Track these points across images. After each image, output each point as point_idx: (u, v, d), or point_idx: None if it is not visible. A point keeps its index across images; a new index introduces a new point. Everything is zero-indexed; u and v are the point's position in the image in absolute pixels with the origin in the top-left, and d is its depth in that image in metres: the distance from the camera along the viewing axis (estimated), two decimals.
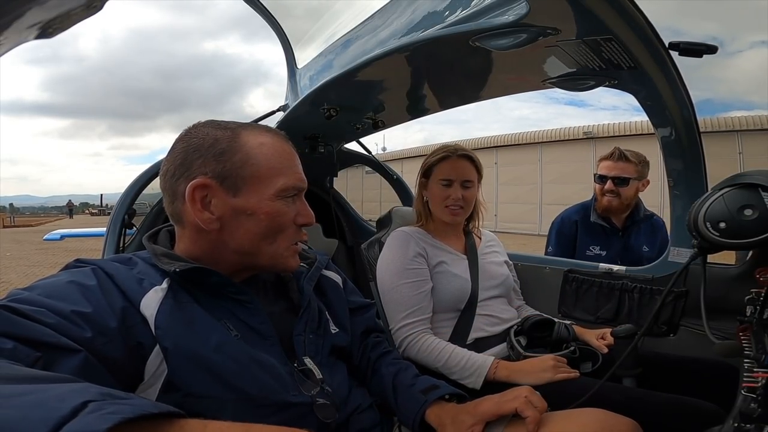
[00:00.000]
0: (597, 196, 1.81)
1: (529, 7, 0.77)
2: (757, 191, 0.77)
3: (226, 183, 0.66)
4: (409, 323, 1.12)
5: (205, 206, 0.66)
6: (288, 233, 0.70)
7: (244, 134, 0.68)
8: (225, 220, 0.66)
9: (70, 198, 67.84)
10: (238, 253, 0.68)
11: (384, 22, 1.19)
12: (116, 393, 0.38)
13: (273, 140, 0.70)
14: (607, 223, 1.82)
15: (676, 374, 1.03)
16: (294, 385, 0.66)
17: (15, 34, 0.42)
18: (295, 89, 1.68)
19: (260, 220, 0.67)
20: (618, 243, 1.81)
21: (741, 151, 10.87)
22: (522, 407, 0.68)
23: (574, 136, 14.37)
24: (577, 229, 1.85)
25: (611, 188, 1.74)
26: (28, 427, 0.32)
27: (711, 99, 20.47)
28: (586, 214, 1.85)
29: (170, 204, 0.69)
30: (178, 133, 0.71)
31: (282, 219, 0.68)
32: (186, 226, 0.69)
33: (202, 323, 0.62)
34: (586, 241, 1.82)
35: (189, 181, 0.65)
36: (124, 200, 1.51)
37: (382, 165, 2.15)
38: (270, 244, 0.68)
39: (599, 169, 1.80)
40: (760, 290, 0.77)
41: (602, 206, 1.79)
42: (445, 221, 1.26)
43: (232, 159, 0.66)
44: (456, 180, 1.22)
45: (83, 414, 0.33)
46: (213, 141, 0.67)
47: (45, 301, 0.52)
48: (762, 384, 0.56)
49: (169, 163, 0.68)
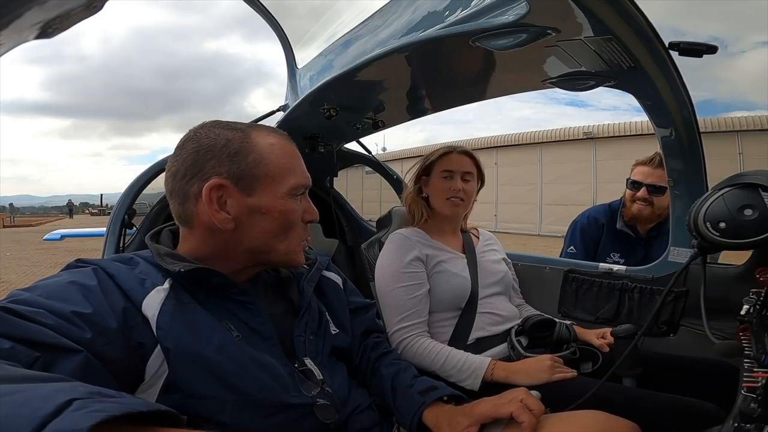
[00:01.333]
0: (626, 202, 1.69)
1: (529, 7, 0.78)
2: (757, 191, 0.77)
3: (240, 183, 0.66)
4: (404, 326, 1.12)
5: (221, 206, 0.66)
6: (297, 230, 0.72)
7: (254, 135, 0.69)
8: (240, 220, 0.67)
9: (70, 198, 67.85)
10: (250, 251, 0.70)
11: (384, 22, 1.19)
12: (106, 391, 0.37)
13: (280, 141, 0.72)
14: (632, 232, 1.71)
15: (676, 374, 1.03)
16: (294, 386, 0.66)
17: (15, 34, 0.42)
18: (295, 89, 1.68)
19: (274, 218, 0.68)
20: (640, 252, 1.70)
21: (741, 151, 10.88)
22: (518, 412, 0.67)
23: (574, 137, 14.39)
24: (602, 232, 1.75)
25: (645, 196, 1.62)
26: (14, 425, 0.31)
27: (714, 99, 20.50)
28: (612, 219, 1.74)
29: (180, 205, 0.69)
30: (179, 133, 0.71)
31: (293, 216, 0.70)
32: (195, 227, 0.69)
33: (203, 324, 0.62)
34: (609, 247, 1.73)
35: (204, 182, 0.65)
36: (124, 200, 1.51)
37: (382, 165, 2.15)
38: (282, 240, 0.70)
39: (634, 174, 1.66)
40: (760, 290, 0.77)
41: (630, 213, 1.67)
42: (445, 215, 1.27)
43: (246, 159, 0.67)
44: (457, 171, 1.25)
45: (67, 412, 0.32)
46: (225, 142, 0.67)
47: (45, 302, 0.51)
48: (762, 384, 0.56)
49: (178, 164, 0.68)
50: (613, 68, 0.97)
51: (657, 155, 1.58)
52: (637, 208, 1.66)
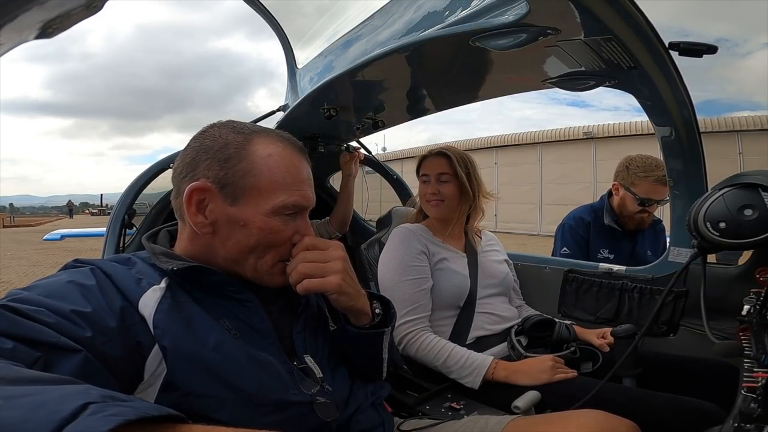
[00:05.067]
0: (630, 212, 1.72)
1: (529, 7, 0.78)
2: (757, 191, 0.77)
3: (225, 190, 0.65)
4: (409, 320, 1.13)
5: (201, 210, 0.65)
6: (279, 250, 0.68)
7: (256, 141, 0.67)
8: (218, 227, 0.66)
9: (70, 198, 67.87)
10: (226, 261, 0.68)
11: (384, 22, 1.19)
12: (117, 395, 0.38)
13: (284, 152, 0.68)
14: (619, 227, 1.78)
15: (676, 374, 1.03)
16: (293, 384, 0.66)
17: (15, 34, 0.42)
18: (295, 89, 1.68)
19: (251, 233, 0.65)
20: (627, 247, 1.78)
21: (741, 151, 10.87)
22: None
23: (574, 137, 14.38)
24: (590, 230, 1.81)
25: (654, 209, 1.70)
26: (30, 428, 0.32)
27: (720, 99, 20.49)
28: (597, 216, 1.81)
29: (174, 199, 0.70)
30: (181, 133, 0.73)
31: (275, 236, 0.67)
32: (186, 225, 0.69)
33: (200, 322, 0.61)
34: (598, 243, 1.79)
35: (191, 182, 0.65)
36: (124, 200, 1.51)
37: (382, 165, 2.15)
38: (257, 258, 0.67)
39: (644, 191, 1.64)
40: (760, 290, 0.77)
41: (635, 222, 1.73)
42: (433, 216, 1.30)
43: (236, 167, 0.65)
44: (431, 174, 1.28)
45: (84, 416, 0.33)
46: (223, 145, 0.66)
47: (45, 301, 0.52)
48: (762, 384, 0.56)
49: (180, 160, 0.69)
50: (613, 68, 0.97)
51: (662, 174, 1.55)
52: (640, 217, 1.72)
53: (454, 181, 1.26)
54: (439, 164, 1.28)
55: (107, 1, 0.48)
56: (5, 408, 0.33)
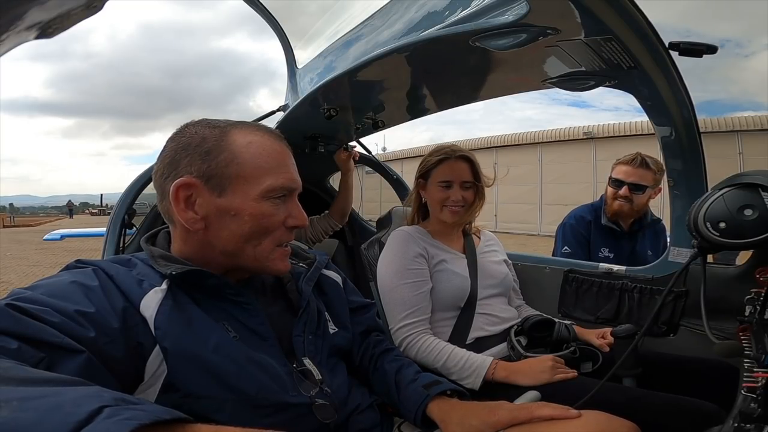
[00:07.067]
0: (608, 199, 1.77)
1: (529, 7, 0.77)
2: (757, 191, 0.77)
3: (210, 182, 0.65)
4: (408, 323, 1.13)
5: (189, 206, 0.65)
6: (275, 235, 0.68)
7: (234, 133, 0.67)
8: (209, 221, 0.66)
9: (71, 198, 67.90)
10: (223, 254, 0.68)
11: (384, 22, 1.19)
12: (128, 397, 0.39)
13: (263, 139, 0.68)
14: (617, 226, 1.80)
15: (676, 374, 1.03)
16: (293, 386, 0.66)
17: (15, 34, 0.42)
18: (295, 89, 1.68)
19: (244, 221, 0.65)
20: (626, 246, 1.79)
21: (741, 151, 10.87)
22: (539, 411, 0.68)
23: (574, 137, 14.38)
24: (590, 229, 1.82)
25: (626, 194, 1.70)
26: (46, 430, 0.32)
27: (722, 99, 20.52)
28: (597, 215, 1.83)
29: (160, 203, 0.69)
30: None
31: (268, 221, 0.67)
32: (177, 226, 0.69)
33: (200, 324, 0.62)
34: (599, 242, 1.80)
35: (175, 180, 0.65)
36: (124, 200, 1.51)
37: (382, 165, 2.15)
38: (254, 246, 0.67)
39: (615, 173, 1.74)
40: (760, 290, 0.77)
41: (612, 210, 1.75)
42: (444, 221, 1.26)
43: (218, 158, 0.65)
44: (455, 181, 1.23)
45: (100, 419, 0.33)
46: (200, 140, 0.66)
47: (49, 301, 0.52)
48: (762, 384, 0.56)
49: (159, 162, 0.68)
50: (613, 68, 0.97)
51: (638, 155, 1.68)
52: (618, 204, 1.73)
53: (474, 187, 1.25)
54: (463, 170, 1.23)
55: (107, 1, 0.48)
56: (20, 410, 0.34)
